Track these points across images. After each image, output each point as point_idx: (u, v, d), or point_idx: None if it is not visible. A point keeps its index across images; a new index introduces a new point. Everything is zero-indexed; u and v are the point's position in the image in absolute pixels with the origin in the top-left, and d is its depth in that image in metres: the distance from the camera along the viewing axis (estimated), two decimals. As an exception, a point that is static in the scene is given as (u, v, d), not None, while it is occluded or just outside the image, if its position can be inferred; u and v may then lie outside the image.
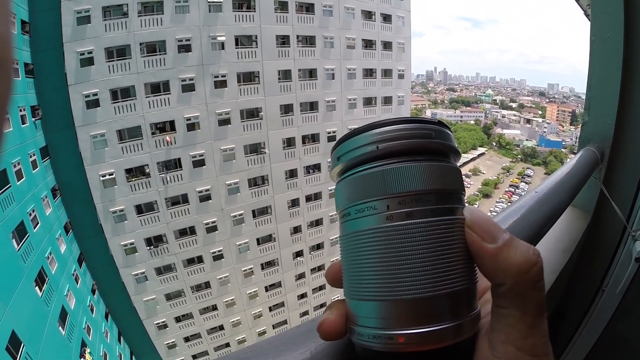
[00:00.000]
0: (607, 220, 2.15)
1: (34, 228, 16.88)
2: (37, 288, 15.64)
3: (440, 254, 0.40)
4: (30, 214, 16.86)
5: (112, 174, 21.49)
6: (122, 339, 24.37)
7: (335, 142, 0.46)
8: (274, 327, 29.45)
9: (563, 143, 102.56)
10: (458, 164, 0.45)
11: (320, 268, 30.35)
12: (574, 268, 2.23)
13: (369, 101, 29.60)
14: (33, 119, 18.76)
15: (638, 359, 2.09)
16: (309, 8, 25.79)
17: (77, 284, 20.08)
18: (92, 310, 21.02)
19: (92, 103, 20.43)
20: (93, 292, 22.18)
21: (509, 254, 0.40)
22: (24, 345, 13.55)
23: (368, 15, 28.38)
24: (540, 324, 0.40)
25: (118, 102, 21.08)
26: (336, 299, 0.55)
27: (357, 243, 0.42)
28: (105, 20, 20.06)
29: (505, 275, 0.40)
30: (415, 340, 0.39)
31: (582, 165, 1.79)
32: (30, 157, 17.94)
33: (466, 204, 0.45)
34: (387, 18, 29.41)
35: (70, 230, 21.14)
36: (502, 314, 0.41)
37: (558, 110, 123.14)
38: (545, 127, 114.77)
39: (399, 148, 0.41)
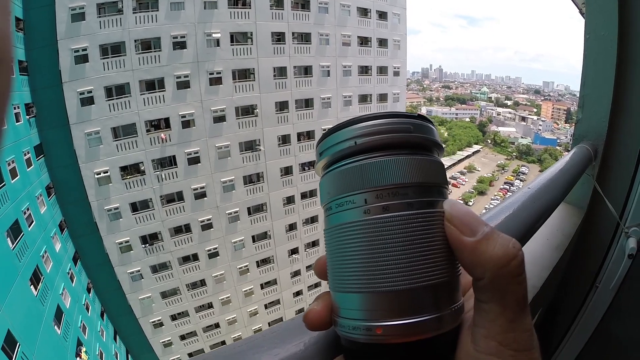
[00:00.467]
0: (600, 217, 2.16)
1: (29, 227, 16.81)
2: (32, 287, 15.59)
3: (418, 247, 0.40)
4: (25, 213, 16.79)
5: (107, 172, 21.42)
6: (117, 337, 24.33)
7: (320, 136, 0.46)
8: (269, 324, 29.44)
9: (558, 141, 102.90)
10: (445, 158, 0.45)
11: (315, 265, 30.31)
12: (567, 264, 2.24)
13: (364, 98, 29.59)
14: (27, 117, 18.67)
15: (631, 355, 2.10)
16: (305, 5, 25.76)
17: (73, 282, 20.02)
18: (87, 309, 20.96)
19: (87, 100, 20.35)
20: (88, 290, 22.12)
21: (487, 247, 0.39)
22: (19, 345, 13.52)
23: (364, 12, 28.36)
24: (521, 318, 0.39)
25: (113, 99, 21.01)
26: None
27: (337, 236, 0.42)
28: (99, 17, 19.96)
29: (484, 269, 0.39)
30: (394, 332, 0.39)
31: (575, 162, 1.80)
32: (25, 155, 17.86)
33: (448, 197, 0.45)
34: (382, 15, 29.39)
35: (65, 229, 21.07)
36: (482, 308, 0.40)
37: (553, 108, 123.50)
38: (540, 125, 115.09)
39: (377, 143, 0.42)
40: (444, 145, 0.46)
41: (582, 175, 1.94)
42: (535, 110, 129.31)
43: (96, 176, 21.14)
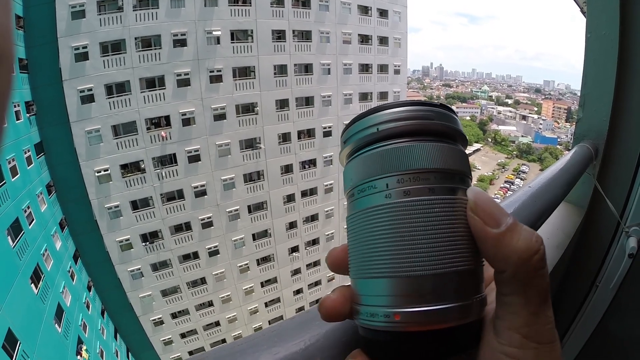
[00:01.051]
0: (600, 216, 2.16)
1: (29, 225, 16.82)
2: (32, 285, 15.58)
3: (440, 232, 0.39)
4: (25, 211, 16.79)
5: (107, 170, 21.42)
6: (118, 335, 24.36)
7: (346, 125, 0.48)
8: (270, 322, 29.48)
9: (558, 140, 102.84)
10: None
11: (316, 264, 30.41)
12: (567, 264, 2.24)
13: (364, 96, 29.57)
14: (27, 115, 18.68)
15: (630, 354, 2.11)
16: (305, 3, 25.72)
17: (73, 280, 20.03)
18: (88, 307, 20.98)
19: (87, 98, 20.33)
20: (89, 288, 22.14)
21: (512, 240, 0.38)
22: (20, 343, 13.52)
23: (364, 10, 28.33)
24: (544, 311, 0.39)
25: (113, 97, 20.99)
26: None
27: (360, 222, 0.42)
28: (100, 14, 19.94)
29: (507, 262, 0.39)
30: (415, 319, 0.38)
31: (576, 161, 1.80)
32: (25, 153, 17.85)
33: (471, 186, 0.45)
34: (383, 13, 29.36)
35: (66, 227, 21.08)
36: (505, 301, 0.40)
37: (554, 107, 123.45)
38: (541, 124, 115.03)
39: (399, 129, 0.42)
40: (466, 135, 0.46)
41: (583, 174, 1.94)
42: (535, 109, 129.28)
43: (96, 174, 21.14)
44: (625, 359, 2.14)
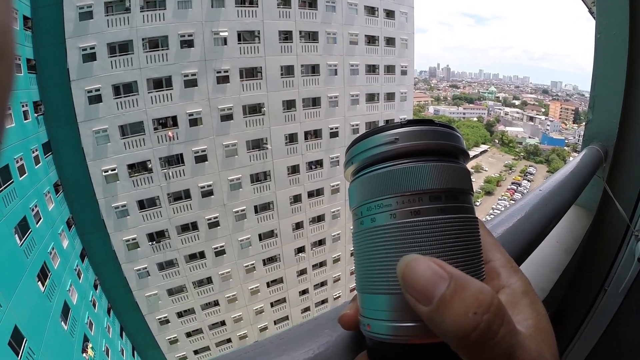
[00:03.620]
0: (610, 219, 2.14)
1: (37, 223, 16.93)
2: (39, 283, 15.69)
3: (446, 251, 0.40)
4: (33, 210, 16.91)
5: (114, 170, 21.52)
6: (124, 334, 24.47)
7: (349, 143, 0.47)
8: (275, 322, 29.54)
9: (566, 141, 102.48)
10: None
11: (322, 264, 30.42)
12: (576, 267, 2.22)
13: (371, 97, 29.53)
14: (35, 115, 18.80)
15: (639, 358, 2.08)
16: (312, 3, 25.73)
17: (80, 279, 20.14)
18: (94, 305, 21.09)
19: (95, 98, 20.45)
20: (95, 287, 22.26)
21: (444, 318, 0.35)
22: (26, 340, 13.60)
23: (371, 11, 28.30)
24: None
25: (120, 97, 21.09)
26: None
27: (366, 239, 0.43)
28: (107, 15, 20.05)
29: (446, 340, 0.35)
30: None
31: (586, 164, 1.78)
32: (33, 152, 17.98)
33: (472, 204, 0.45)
34: (390, 14, 29.32)
35: (73, 226, 21.21)
36: None
37: (561, 108, 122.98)
38: (548, 125, 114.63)
39: (407, 150, 0.42)
40: (469, 153, 0.47)
41: (593, 177, 1.92)
42: (543, 110, 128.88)
43: (104, 174, 21.24)
44: (633, 361, 2.12)
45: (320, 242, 30.05)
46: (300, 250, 29.18)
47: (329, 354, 0.52)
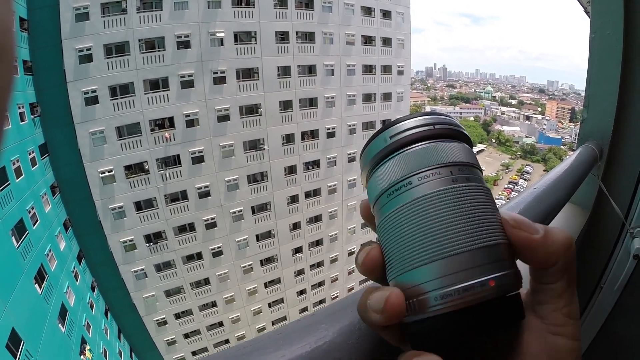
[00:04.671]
0: (605, 217, 2.15)
1: (33, 225, 16.89)
2: (36, 285, 15.65)
3: (487, 209, 0.45)
4: (30, 212, 16.87)
5: (111, 171, 21.49)
6: (121, 335, 24.42)
7: (388, 123, 0.50)
8: (273, 323, 29.53)
9: (562, 140, 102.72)
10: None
11: (319, 264, 30.46)
12: (572, 265, 2.23)
13: (368, 97, 29.58)
14: (32, 116, 18.77)
15: (636, 355, 2.10)
16: (309, 4, 25.77)
17: (77, 281, 20.10)
18: (91, 307, 21.06)
19: (91, 100, 20.42)
20: (93, 289, 22.22)
21: (554, 240, 0.44)
22: (24, 343, 13.56)
23: (367, 11, 28.34)
24: (575, 291, 0.46)
25: (117, 98, 21.07)
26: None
27: (424, 207, 0.44)
28: (103, 16, 20.03)
29: (557, 257, 0.44)
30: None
31: (581, 162, 1.80)
32: (29, 154, 17.94)
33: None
34: (386, 14, 29.37)
35: (70, 228, 21.16)
36: (550, 288, 0.46)
37: (557, 107, 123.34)
38: (545, 124, 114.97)
39: (443, 132, 0.48)
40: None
41: (588, 175, 1.93)
42: (539, 109, 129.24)
43: (100, 175, 21.21)
44: (630, 359, 2.14)
45: (318, 243, 30.06)
46: (298, 250, 29.19)
47: (326, 347, 0.53)
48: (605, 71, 2.03)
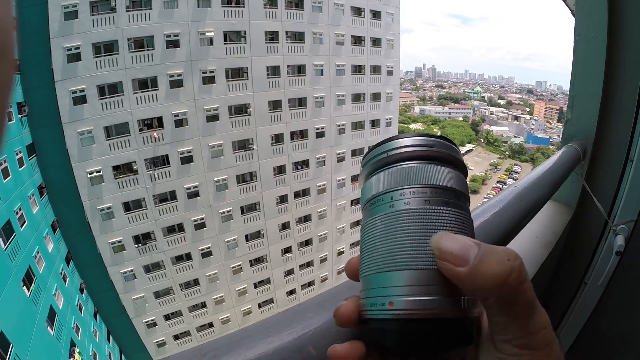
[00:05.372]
0: (589, 215, 2.21)
1: (21, 227, 16.71)
2: (24, 288, 15.50)
3: (465, 233, 0.46)
4: (17, 213, 16.68)
5: (99, 171, 21.32)
6: (111, 338, 24.24)
7: (383, 139, 0.53)
8: (263, 323, 29.46)
9: (550, 140, 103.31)
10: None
11: (309, 264, 30.47)
12: (557, 261, 2.29)
13: (357, 97, 29.63)
14: (19, 116, 18.57)
15: (619, 349, 2.15)
16: (298, 4, 25.76)
17: (65, 283, 19.92)
18: (80, 309, 20.87)
19: (79, 99, 20.23)
20: (81, 291, 22.02)
21: (484, 271, 0.40)
22: (12, 346, 13.44)
23: (357, 11, 28.39)
24: (533, 320, 0.41)
25: (105, 98, 20.89)
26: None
27: (396, 220, 0.47)
28: (92, 15, 19.84)
29: (487, 292, 0.41)
30: (418, 306, 0.43)
31: (564, 162, 1.85)
32: (17, 154, 17.75)
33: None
34: (376, 14, 29.45)
35: (58, 229, 20.94)
36: (494, 320, 0.43)
37: (546, 108, 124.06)
38: (533, 124, 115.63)
39: (441, 155, 0.50)
40: (462, 150, 0.55)
41: (571, 174, 1.99)
42: (528, 109, 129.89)
43: (89, 175, 21.04)
44: (614, 353, 2.19)
45: (307, 242, 30.07)
46: (287, 250, 29.17)
47: (311, 335, 0.57)
48: (589, 73, 2.08)
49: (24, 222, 17.14)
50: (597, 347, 2.25)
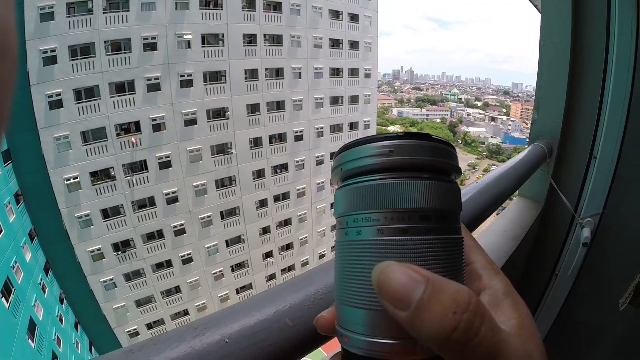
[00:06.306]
0: (556, 210, 2.32)
1: (-2, 236, 16.45)
2: (3, 299, 15.22)
3: (426, 265, 0.38)
4: (-6, 222, 16.43)
5: (76, 178, 21.03)
6: (93, 348, 23.88)
7: (341, 147, 0.46)
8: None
9: (527, 140, 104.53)
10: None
11: (290, 268, 30.43)
12: (528, 255, 2.40)
13: (335, 100, 29.82)
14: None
15: (592, 338, 2.27)
16: (277, 7, 25.82)
17: (45, 293, 19.55)
18: (61, 320, 20.51)
19: (55, 104, 19.92)
20: (61, 301, 21.64)
21: (423, 321, 0.34)
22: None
23: (335, 14, 28.58)
24: None
25: (82, 102, 20.60)
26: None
27: (349, 252, 0.42)
28: (69, 17, 19.56)
29: (427, 344, 0.35)
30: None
31: (529, 159, 1.96)
32: (-9, 161, 17.47)
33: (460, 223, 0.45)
34: (354, 17, 29.68)
35: (35, 237, 20.54)
36: None
37: (522, 108, 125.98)
38: (510, 125, 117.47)
39: (401, 163, 0.40)
40: (461, 169, 0.50)
41: (537, 171, 2.11)
42: (504, 110, 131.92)
43: (66, 182, 20.73)
44: (586, 341, 2.31)
45: (288, 246, 30.08)
46: (269, 255, 29.13)
47: (287, 309, 0.66)
48: (554, 76, 2.20)
49: (1, 231, 16.82)
50: (571, 336, 2.35)
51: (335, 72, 29.52)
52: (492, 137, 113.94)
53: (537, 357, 0.38)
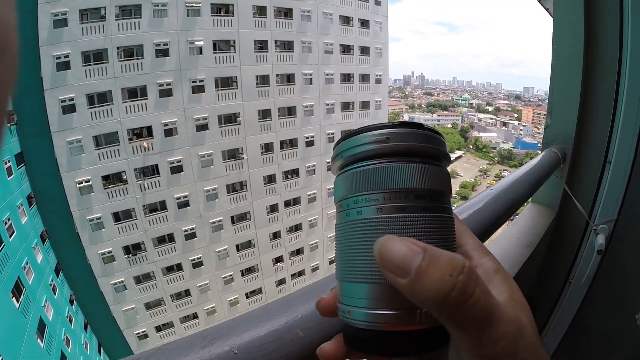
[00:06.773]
0: (570, 216, 2.29)
1: (10, 237, 16.54)
2: (14, 299, 15.34)
3: (423, 239, 0.42)
4: (6, 223, 16.52)
5: (88, 181, 21.20)
6: (102, 350, 23.98)
7: (340, 138, 0.50)
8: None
9: (539, 145, 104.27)
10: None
11: (300, 273, 30.37)
12: (542, 262, 2.36)
13: (346, 106, 29.79)
14: (8, 125, 18.42)
15: (606, 345, 2.23)
16: (287, 13, 25.91)
17: (55, 294, 19.71)
18: (70, 321, 20.65)
19: (69, 108, 20.14)
20: (71, 302, 21.80)
21: (423, 285, 0.37)
22: (2, 359, 13.29)
23: (346, 20, 28.62)
24: (487, 333, 0.38)
25: (95, 107, 20.81)
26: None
27: (351, 231, 0.45)
28: (82, 23, 19.80)
29: (427, 306, 0.38)
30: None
31: (543, 165, 1.93)
32: (5, 163, 17.60)
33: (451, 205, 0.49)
34: (364, 23, 29.70)
35: (47, 239, 20.75)
36: (448, 329, 0.40)
37: (533, 113, 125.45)
38: (521, 130, 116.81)
39: (396, 149, 0.45)
40: (451, 157, 0.54)
41: (551, 177, 2.07)
42: (516, 115, 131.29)
43: (78, 185, 20.91)
44: (601, 349, 2.26)
45: (299, 252, 30.02)
46: (279, 260, 29.09)
47: (299, 319, 0.65)
48: (567, 80, 2.17)
49: (13, 232, 16.97)
50: (585, 343, 2.31)
51: (346, 77, 29.53)
52: (503, 142, 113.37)
53: (528, 326, 0.41)
